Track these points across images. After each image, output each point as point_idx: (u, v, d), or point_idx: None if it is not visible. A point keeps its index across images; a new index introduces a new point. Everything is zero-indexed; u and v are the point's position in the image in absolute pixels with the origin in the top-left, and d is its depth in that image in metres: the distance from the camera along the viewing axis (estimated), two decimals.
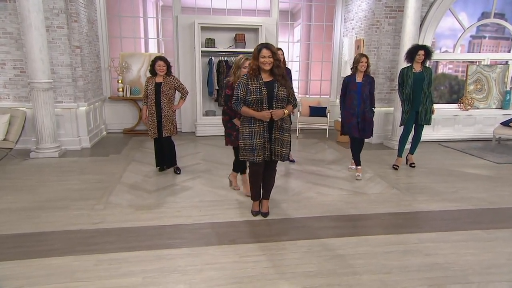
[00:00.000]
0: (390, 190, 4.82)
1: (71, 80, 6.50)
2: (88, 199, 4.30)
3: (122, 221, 3.74)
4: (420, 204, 4.37)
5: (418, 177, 5.41)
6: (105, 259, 3.01)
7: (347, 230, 3.67)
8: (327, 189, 4.79)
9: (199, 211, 4.03)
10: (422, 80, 5.46)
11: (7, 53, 6.34)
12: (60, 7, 6.21)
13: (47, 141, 6.09)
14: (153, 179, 5.07)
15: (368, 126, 5.12)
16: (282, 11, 9.10)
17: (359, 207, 4.23)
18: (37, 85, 5.86)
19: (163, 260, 3.02)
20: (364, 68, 5.04)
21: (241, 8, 8.40)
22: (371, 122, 5.16)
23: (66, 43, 6.36)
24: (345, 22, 8.61)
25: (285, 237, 3.47)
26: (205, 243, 3.33)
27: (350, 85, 5.14)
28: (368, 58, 5.09)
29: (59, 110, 6.48)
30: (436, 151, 6.94)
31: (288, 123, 3.66)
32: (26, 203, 4.14)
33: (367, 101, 5.08)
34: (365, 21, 7.58)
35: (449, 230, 3.70)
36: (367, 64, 5.06)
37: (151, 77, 5.12)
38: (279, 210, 4.08)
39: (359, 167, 5.33)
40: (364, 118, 5.08)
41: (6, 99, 6.49)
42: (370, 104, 5.13)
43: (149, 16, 9.19)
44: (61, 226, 3.58)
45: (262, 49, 3.47)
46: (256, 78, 3.52)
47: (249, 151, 3.59)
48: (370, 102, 5.12)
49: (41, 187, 4.70)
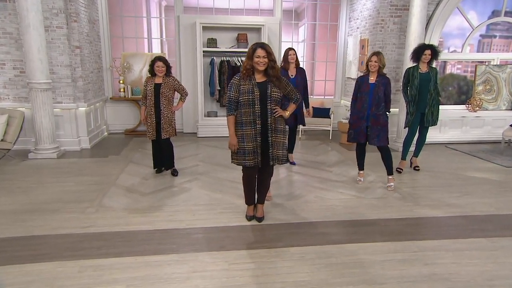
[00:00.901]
0: (391, 194, 4.66)
1: (71, 81, 6.45)
2: (82, 201, 4.22)
3: (113, 225, 3.65)
4: (422, 209, 4.21)
5: (422, 181, 5.24)
6: (90, 266, 2.92)
7: (343, 236, 3.53)
8: (326, 193, 4.65)
9: (193, 215, 3.93)
10: (428, 81, 5.28)
11: (7, 53, 6.32)
12: (59, 7, 6.17)
13: (46, 142, 6.05)
14: (150, 181, 4.98)
15: (381, 131, 4.64)
16: (287, 10, 8.97)
17: (358, 212, 4.08)
18: (35, 86, 5.83)
19: (149, 267, 2.92)
20: (375, 68, 4.58)
21: (244, 7, 8.29)
22: (384, 127, 4.65)
23: (65, 43, 6.32)
24: (350, 22, 8.44)
25: (279, 244, 3.34)
26: (195, 249, 3.22)
27: (362, 86, 4.72)
28: (380, 56, 4.58)
29: (58, 111, 6.43)
30: (442, 154, 6.75)
31: (282, 124, 3.54)
32: (19, 205, 4.09)
33: (381, 104, 4.60)
34: (370, 20, 7.42)
35: (451, 237, 3.53)
36: (381, 64, 4.57)
37: (150, 78, 5.03)
38: (275, 215, 3.96)
39: (362, 171, 5.10)
40: (376, 122, 4.61)
41: (6, 99, 6.47)
42: (386, 107, 4.68)
43: (151, 16, 9.12)
44: (51, 230, 3.51)
45: (257, 48, 3.35)
46: (249, 79, 3.41)
47: (241, 154, 3.47)
48: (385, 105, 4.66)
49: (36, 188, 4.64)
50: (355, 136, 4.81)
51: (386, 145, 4.77)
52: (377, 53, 4.63)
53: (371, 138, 4.70)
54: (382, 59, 4.60)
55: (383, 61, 4.64)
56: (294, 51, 5.30)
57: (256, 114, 3.38)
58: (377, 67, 4.60)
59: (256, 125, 3.40)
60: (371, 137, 4.70)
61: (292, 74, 5.35)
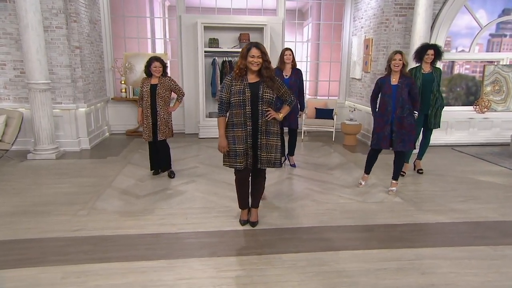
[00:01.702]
0: (392, 198, 4.51)
1: (70, 81, 6.43)
2: (75, 203, 4.16)
3: (103, 228, 3.58)
4: (423, 214, 4.06)
5: (425, 184, 5.08)
6: (74, 271, 2.84)
7: (338, 243, 3.40)
8: (324, 197, 4.52)
9: (186, 219, 3.84)
10: (431, 82, 5.12)
11: (7, 54, 6.32)
12: (59, 7, 6.15)
13: (45, 143, 6.03)
14: (146, 183, 4.91)
15: (407, 135, 4.37)
16: (291, 10, 8.86)
17: (356, 217, 3.95)
18: (34, 86, 5.81)
19: (134, 274, 2.84)
20: (399, 68, 4.30)
21: (247, 7, 8.19)
22: (411, 130, 4.38)
23: (65, 43, 6.29)
24: (354, 21, 8.29)
25: (271, 250, 3.23)
26: (184, 255, 3.13)
27: (383, 88, 4.45)
28: (404, 55, 4.34)
29: (58, 111, 6.42)
30: (448, 156, 6.56)
31: (275, 126, 3.43)
32: (10, 207, 4.04)
33: (405, 105, 4.32)
34: (374, 20, 7.26)
35: (452, 245, 3.38)
36: (403, 63, 4.31)
37: (146, 79, 4.96)
38: (269, 219, 3.85)
39: (367, 175, 4.90)
40: (401, 125, 4.35)
41: (7, 99, 6.47)
42: (413, 107, 4.42)
43: (153, 16, 9.08)
44: (39, 233, 3.45)
45: (251, 48, 3.25)
46: (241, 79, 3.31)
47: (232, 157, 3.38)
48: (412, 106, 4.40)
49: (31, 190, 4.60)
50: (378, 142, 4.53)
51: (412, 149, 4.61)
52: (400, 52, 4.38)
53: (396, 142, 4.43)
54: (405, 58, 4.38)
55: (407, 59, 4.42)
56: (290, 52, 5.19)
57: (247, 115, 3.29)
58: (400, 67, 4.33)
59: (247, 126, 3.31)
60: (396, 142, 4.43)
61: (286, 75, 5.23)
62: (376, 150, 4.69)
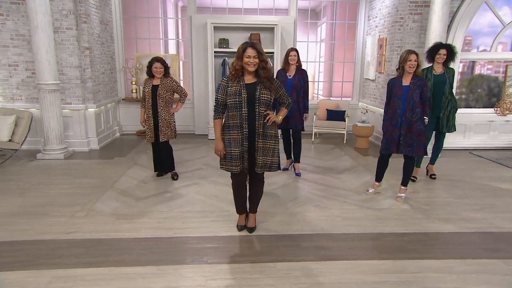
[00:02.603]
0: (400, 205, 4.31)
1: (80, 82, 6.47)
2: (74, 205, 4.15)
3: (98, 231, 3.54)
4: (432, 223, 3.85)
5: (437, 190, 4.84)
6: (62, 276, 2.79)
7: (336, 252, 3.24)
8: (328, 202, 4.36)
9: (182, 223, 3.75)
10: (443, 83, 4.89)
11: (20, 55, 6.41)
12: (69, 8, 6.19)
13: (54, 143, 6.08)
14: (148, 185, 4.86)
15: (416, 140, 4.15)
16: (305, 10, 8.68)
17: (359, 225, 3.77)
18: (43, 87, 5.86)
19: (122, 280, 2.77)
20: (413, 69, 4.09)
21: (258, 7, 8.08)
22: (420, 135, 4.15)
23: (75, 44, 6.33)
24: (369, 20, 8.05)
25: (265, 258, 3.11)
26: (176, 261, 3.04)
27: (394, 89, 4.23)
28: (418, 55, 4.12)
29: (67, 112, 6.47)
30: (465, 161, 6.26)
31: (273, 129, 3.30)
32: (10, 208, 4.05)
33: (416, 109, 4.09)
34: (388, 18, 7.02)
35: (459, 257, 3.17)
36: (417, 64, 4.09)
37: (148, 79, 4.92)
38: (268, 225, 3.72)
39: (378, 183, 4.66)
40: (410, 129, 4.14)
41: (19, 100, 6.57)
42: (423, 112, 4.17)
43: (165, 17, 9.08)
44: (34, 235, 3.43)
45: (247, 48, 3.13)
46: (237, 80, 3.20)
47: (228, 160, 3.27)
48: (422, 109, 4.15)
49: (34, 190, 4.62)
50: (387, 147, 4.34)
51: (421, 156, 4.38)
52: (414, 52, 4.14)
53: (403, 146, 4.22)
54: (419, 59, 4.14)
55: (421, 60, 4.22)
56: (295, 52, 5.04)
57: (243, 117, 3.17)
58: (415, 68, 4.11)
59: (243, 129, 3.19)
60: (403, 146, 4.21)
61: (290, 75, 5.08)
62: (385, 155, 4.48)
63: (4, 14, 6.30)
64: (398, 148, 4.26)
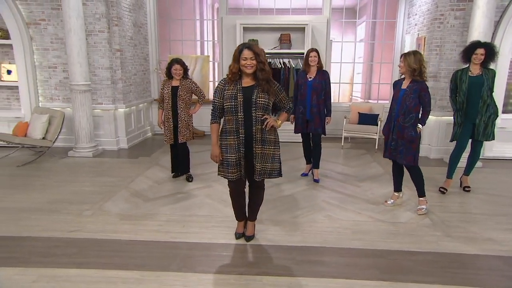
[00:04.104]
0: (421, 219, 3.93)
1: (110, 82, 6.69)
2: (85, 203, 4.25)
3: (98, 231, 3.58)
4: (451, 242, 3.45)
5: (468, 205, 4.37)
6: (48, 275, 2.83)
7: (334, 268, 3.00)
8: (340, 212, 4.09)
9: (182, 227, 3.69)
10: (480, 85, 4.40)
11: (58, 57, 6.77)
12: (101, 12, 6.42)
13: (84, 141, 6.33)
14: (161, 186, 4.88)
15: (407, 146, 3.86)
16: (345, 8, 8.33)
17: (367, 239, 3.48)
18: (75, 87, 6.12)
19: (103, 284, 2.75)
20: (402, 70, 3.88)
21: (290, 7, 7.88)
22: (411, 142, 3.85)
23: (106, 46, 6.56)
24: (409, 18, 7.53)
25: (254, 270, 2.95)
26: (162, 268, 2.98)
27: (394, 92, 4.07)
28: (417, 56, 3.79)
29: (99, 111, 6.72)
30: (510, 173, 5.62)
31: (273, 134, 3.12)
32: (28, 203, 4.23)
33: (409, 114, 3.83)
34: (428, 16, 6.51)
35: (476, 285, 2.80)
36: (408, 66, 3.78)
37: (167, 81, 4.96)
38: (268, 234, 3.55)
39: (397, 193, 4.32)
40: (400, 135, 3.89)
41: (57, 100, 6.94)
42: (419, 118, 3.89)
43: (199, 19, 9.17)
44: (37, 232, 3.54)
45: (243, 50, 2.99)
46: (234, 83, 3.07)
47: (225, 166, 3.14)
48: (418, 116, 3.88)
49: (55, 187, 4.81)
50: (384, 151, 4.13)
51: (411, 164, 3.98)
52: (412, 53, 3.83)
53: (395, 153, 3.97)
54: (410, 60, 3.77)
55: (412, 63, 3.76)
56: (316, 53, 4.80)
57: (240, 122, 3.03)
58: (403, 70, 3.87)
59: (239, 134, 3.05)
60: (395, 152, 3.97)
61: (310, 77, 4.84)
62: (394, 162, 4.18)
63: (46, 19, 6.68)
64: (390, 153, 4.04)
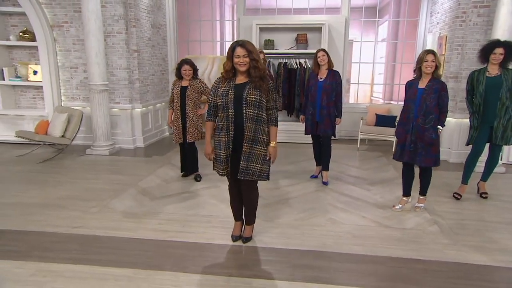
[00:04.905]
0: (428, 226, 3.76)
1: (128, 83, 6.84)
2: (93, 200, 4.35)
3: (100, 228, 3.65)
4: (457, 251, 3.28)
5: (483, 212, 4.14)
6: (45, 270, 2.91)
7: (328, 274, 2.91)
8: (344, 216, 3.98)
9: (182, 226, 3.71)
10: (498, 87, 4.17)
11: (79, 58, 6.99)
12: (120, 14, 6.58)
13: (101, 140, 6.50)
14: (169, 185, 4.93)
15: (426, 149, 3.77)
16: (366, 7, 8.14)
17: (368, 245, 3.36)
18: (93, 87, 6.30)
19: (95, 280, 2.79)
20: (431, 70, 3.70)
21: (308, 7, 7.77)
22: (431, 144, 3.76)
23: (124, 47, 6.71)
24: (431, 16, 7.26)
25: (245, 273, 2.91)
26: (154, 266, 2.99)
27: (409, 92, 3.90)
28: (436, 55, 3.72)
29: (116, 111, 6.89)
30: None
31: (264, 134, 3.08)
32: (40, 199, 4.38)
33: (429, 115, 3.71)
34: (450, 14, 6.25)
35: None
36: (436, 65, 3.69)
37: (177, 81, 5.01)
38: (266, 236, 3.50)
39: (405, 198, 4.18)
40: (421, 137, 3.76)
41: (78, 99, 7.17)
42: (439, 120, 3.77)
43: (217, 19, 9.22)
44: (42, 227, 3.65)
45: (236, 47, 2.97)
46: (228, 81, 3.06)
47: (218, 162, 3.15)
48: (438, 116, 3.76)
49: (68, 183, 4.95)
50: (399, 154, 3.99)
51: (429, 166, 3.91)
52: (432, 52, 3.75)
53: (414, 155, 3.86)
54: (438, 60, 3.73)
55: (440, 61, 3.78)
56: (324, 53, 4.71)
57: (230, 119, 3.01)
58: (433, 69, 3.72)
59: (229, 131, 3.04)
60: (414, 154, 3.86)
61: (321, 77, 4.75)
62: (407, 165, 4.05)
63: (68, 22, 6.92)
64: (410, 155, 3.89)
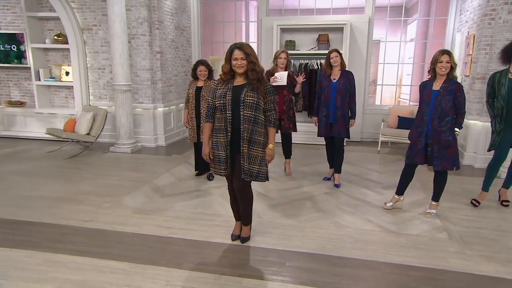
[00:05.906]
0: (436, 233, 3.61)
1: (150, 83, 7.05)
2: (108, 195, 4.53)
3: (110, 223, 3.79)
4: (464, 259, 3.13)
5: (500, 221, 3.92)
6: (50, 260, 3.07)
7: (319, 277, 2.87)
8: (350, 219, 3.90)
9: (186, 224, 3.79)
10: None
11: (106, 60, 7.29)
12: (144, 16, 6.80)
13: (124, 138, 6.75)
14: (182, 183, 5.04)
15: (443, 152, 3.68)
16: (393, 7, 7.93)
17: (368, 249, 3.28)
18: (117, 87, 6.56)
19: (93, 272, 2.92)
20: (446, 71, 3.60)
21: (331, 7, 7.67)
22: (448, 147, 3.68)
23: (147, 49, 6.93)
24: (461, 15, 6.94)
25: (237, 271, 2.93)
26: (151, 261, 3.08)
27: (424, 94, 3.82)
28: (452, 56, 3.61)
29: (140, 110, 7.13)
30: None
31: (261, 136, 3.09)
32: (60, 193, 4.61)
33: (445, 118, 3.64)
34: (478, 11, 5.95)
35: None
36: (451, 66, 3.59)
37: (193, 81, 5.12)
38: (266, 237, 3.50)
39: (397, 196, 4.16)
40: (436, 141, 3.69)
41: (104, 98, 7.48)
42: (456, 122, 3.70)
43: (241, 21, 9.29)
44: (56, 219, 3.85)
45: (234, 50, 3.02)
46: (226, 83, 3.10)
47: (216, 163, 3.20)
48: (454, 119, 3.68)
49: (88, 179, 5.18)
50: (411, 156, 3.92)
51: (447, 169, 3.79)
52: (449, 52, 3.63)
53: (431, 159, 3.77)
54: (453, 60, 3.62)
55: (456, 61, 3.67)
56: (336, 53, 4.64)
57: (228, 120, 3.06)
58: (448, 70, 3.61)
59: (227, 132, 3.08)
60: (431, 158, 3.77)
61: (334, 78, 4.69)
62: (410, 166, 3.97)
63: (97, 25, 7.24)
64: (426, 159, 3.81)
